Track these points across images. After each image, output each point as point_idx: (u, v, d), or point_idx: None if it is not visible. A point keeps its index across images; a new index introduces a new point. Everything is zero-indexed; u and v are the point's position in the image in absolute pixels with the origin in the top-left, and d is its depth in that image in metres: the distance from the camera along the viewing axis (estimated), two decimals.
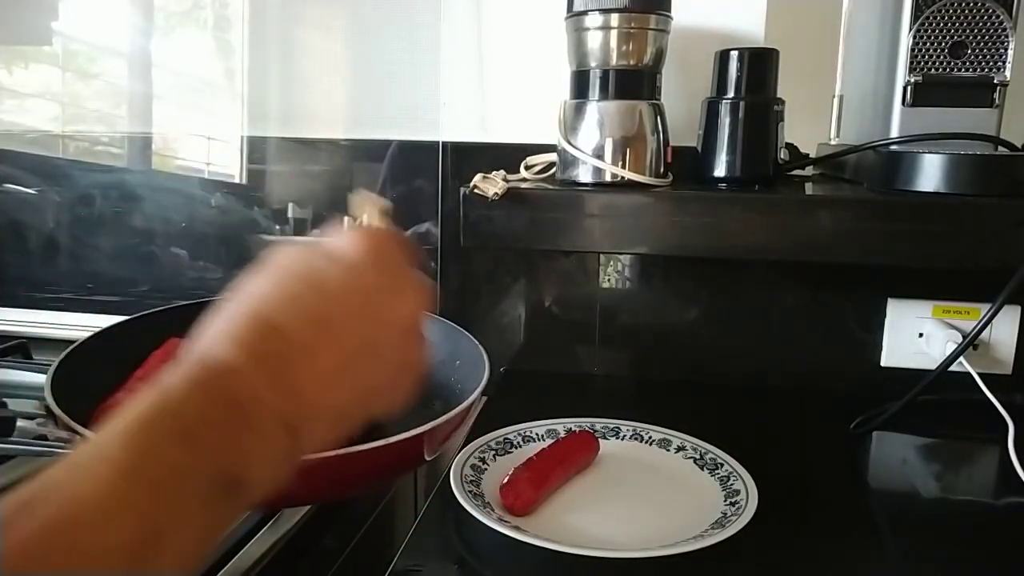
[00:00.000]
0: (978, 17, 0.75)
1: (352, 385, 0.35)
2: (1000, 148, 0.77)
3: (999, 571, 0.58)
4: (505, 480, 0.61)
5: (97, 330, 0.72)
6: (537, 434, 0.72)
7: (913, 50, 0.77)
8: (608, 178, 0.80)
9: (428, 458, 0.61)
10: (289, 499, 0.60)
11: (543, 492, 0.61)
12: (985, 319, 0.73)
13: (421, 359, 0.39)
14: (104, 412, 0.61)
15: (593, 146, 0.80)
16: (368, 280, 0.37)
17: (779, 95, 0.83)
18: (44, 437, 0.63)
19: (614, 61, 0.78)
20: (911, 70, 0.77)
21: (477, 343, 0.74)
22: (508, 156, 0.89)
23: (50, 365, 0.65)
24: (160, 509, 0.27)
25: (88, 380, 0.65)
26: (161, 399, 0.29)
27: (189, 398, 0.30)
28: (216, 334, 0.33)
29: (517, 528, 0.56)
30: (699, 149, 0.85)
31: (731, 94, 0.82)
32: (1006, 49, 0.75)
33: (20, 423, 0.63)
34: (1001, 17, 0.75)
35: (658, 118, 0.81)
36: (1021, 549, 0.60)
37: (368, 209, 0.46)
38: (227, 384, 0.31)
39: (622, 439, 0.72)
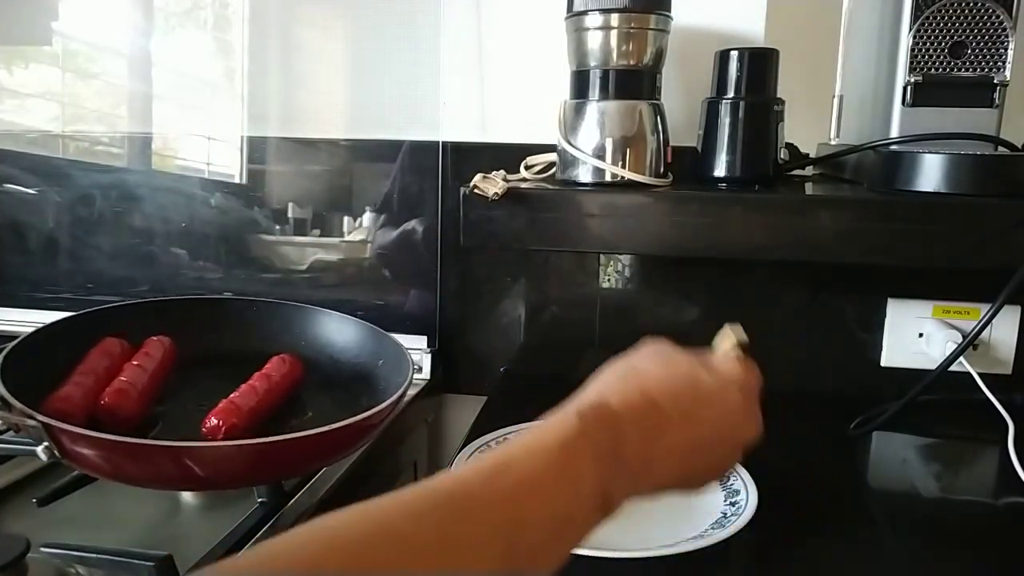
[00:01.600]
0: (978, 17, 0.75)
1: (684, 466, 0.44)
2: (1000, 148, 0.77)
3: (999, 571, 0.58)
4: None
5: (40, 326, 0.73)
6: None
7: (913, 50, 0.77)
8: (608, 178, 0.80)
9: (361, 444, 0.67)
10: (234, 480, 0.62)
11: None
12: (985, 319, 0.73)
13: (726, 473, 0.51)
14: (54, 403, 0.62)
15: (593, 146, 0.80)
16: (733, 398, 0.47)
17: (779, 95, 0.83)
18: None
19: (614, 61, 0.78)
20: (911, 70, 0.77)
21: (399, 342, 0.79)
22: (508, 156, 0.89)
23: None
24: (573, 505, 0.37)
25: (35, 373, 0.66)
26: (576, 425, 0.39)
27: (593, 430, 0.39)
28: (609, 392, 0.43)
29: None
30: (699, 149, 0.85)
31: (731, 94, 0.82)
32: (1006, 49, 0.75)
33: None
34: (1001, 17, 0.75)
35: (658, 118, 0.81)
36: (1021, 549, 0.60)
37: (729, 339, 0.56)
38: (616, 429, 0.40)
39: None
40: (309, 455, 0.63)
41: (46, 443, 0.57)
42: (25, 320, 1.08)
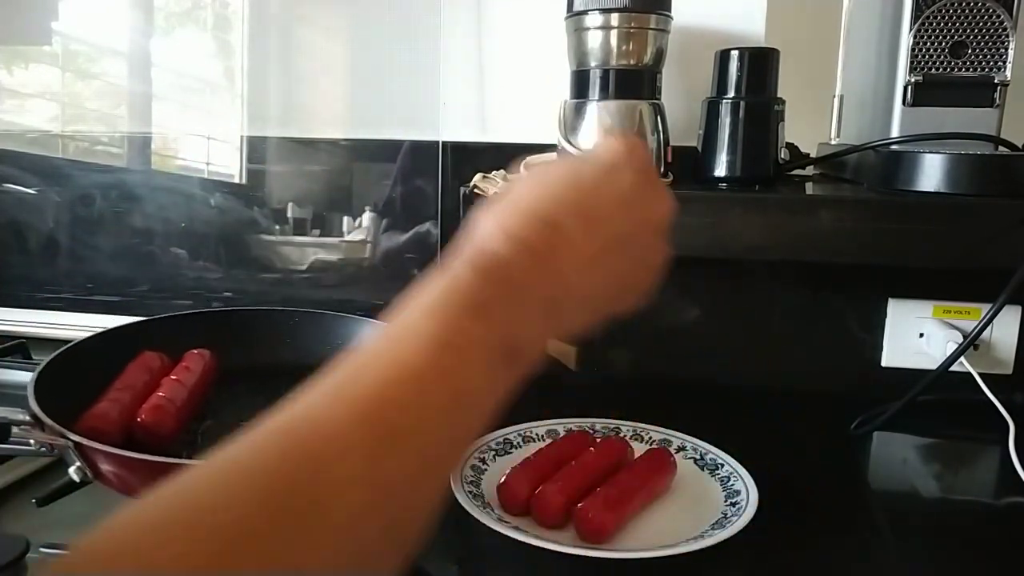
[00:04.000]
0: (978, 17, 0.75)
1: (606, 273, 0.39)
2: (1000, 148, 0.77)
3: (999, 571, 0.58)
4: (502, 479, 0.61)
5: (77, 340, 0.72)
6: (537, 434, 0.72)
7: (913, 50, 0.77)
8: None
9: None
10: None
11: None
12: (985, 319, 0.73)
13: (664, 259, 0.43)
14: (88, 420, 0.61)
15: (593, 146, 0.80)
16: (624, 178, 0.40)
17: (779, 95, 0.83)
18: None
19: (614, 61, 0.78)
20: (911, 70, 0.77)
21: None
22: (508, 156, 0.89)
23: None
24: (465, 373, 0.32)
25: (71, 388, 0.65)
26: (452, 282, 0.34)
27: (474, 280, 0.34)
28: (490, 228, 0.37)
29: (517, 528, 0.56)
30: (699, 149, 0.85)
31: (731, 94, 0.82)
32: (1006, 49, 0.75)
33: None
34: (1001, 17, 0.75)
35: (658, 118, 0.81)
36: (1021, 549, 0.60)
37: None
38: (503, 269, 0.35)
39: (622, 439, 0.72)
40: None
41: (78, 463, 0.55)
42: (25, 320, 1.08)
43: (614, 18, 0.77)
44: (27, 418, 0.57)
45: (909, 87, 0.77)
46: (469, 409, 0.32)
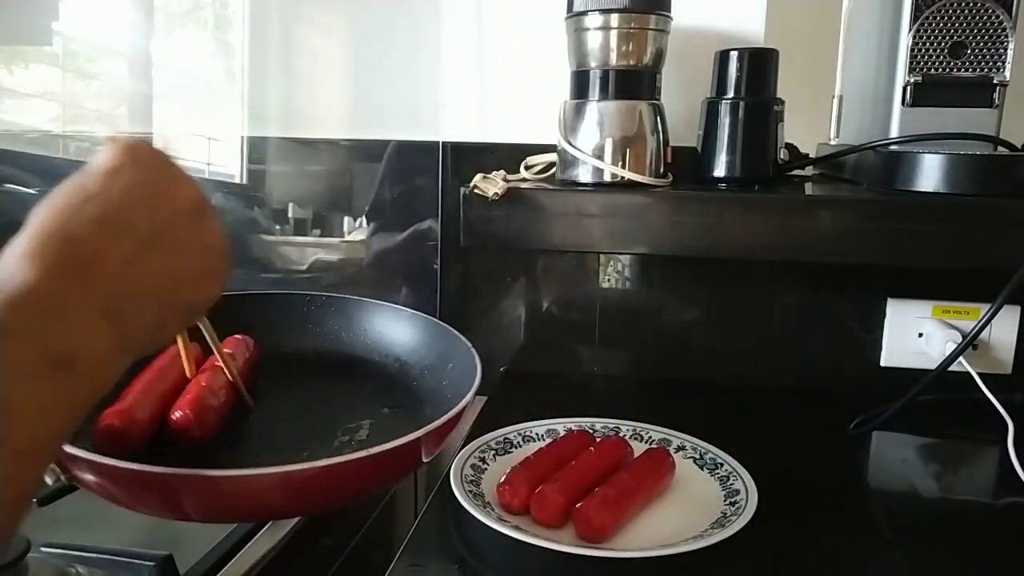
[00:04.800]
0: (978, 17, 0.75)
1: (155, 269, 0.39)
2: (1000, 148, 0.77)
3: (999, 571, 0.58)
4: (502, 479, 0.61)
5: None
6: (537, 434, 0.72)
7: (913, 50, 0.77)
8: (608, 178, 0.80)
9: (425, 460, 0.61)
10: (287, 511, 0.59)
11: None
12: (985, 319, 0.73)
13: (218, 238, 0.44)
14: (103, 421, 0.59)
15: (593, 146, 0.80)
16: (128, 177, 0.40)
17: (779, 95, 0.83)
18: None
19: (614, 61, 0.79)
20: (911, 70, 0.77)
21: (469, 345, 0.72)
22: (508, 156, 0.89)
23: None
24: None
25: None
26: None
27: (4, 309, 0.33)
28: (13, 258, 0.36)
29: (517, 528, 0.56)
30: (699, 149, 0.85)
31: (731, 94, 0.82)
32: (1006, 49, 0.75)
33: None
34: (1001, 17, 0.75)
35: (658, 118, 0.81)
36: (1021, 549, 0.60)
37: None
38: (34, 296, 0.34)
39: (622, 439, 0.72)
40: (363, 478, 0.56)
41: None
42: None
43: (614, 18, 0.77)
44: None
45: (908, 87, 0.77)
46: (13, 425, 0.32)
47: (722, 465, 0.66)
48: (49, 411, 0.34)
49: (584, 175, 0.80)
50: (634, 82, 0.80)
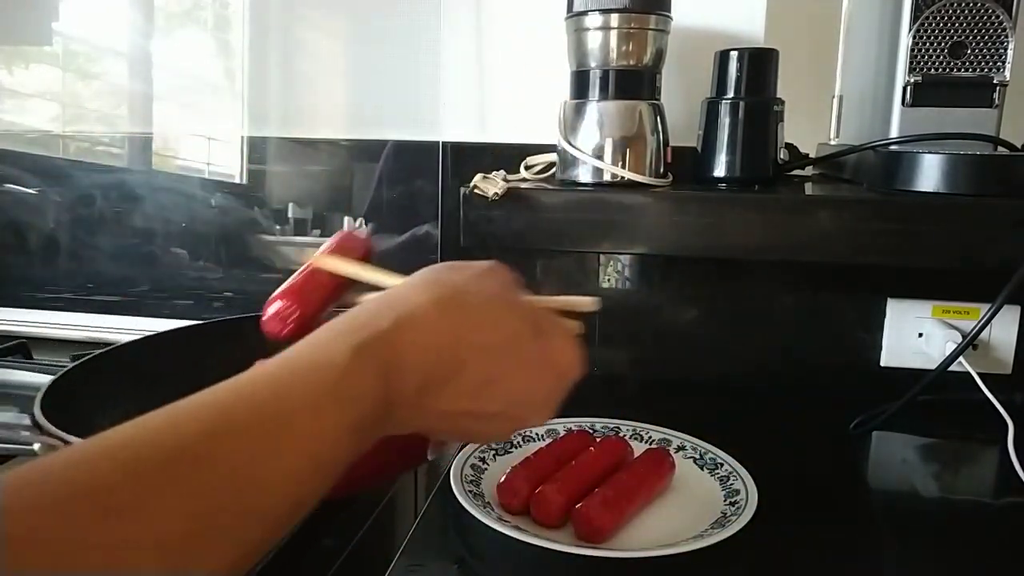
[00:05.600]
0: (978, 17, 0.75)
1: (455, 421, 0.40)
2: (1000, 148, 0.77)
3: (999, 571, 0.58)
4: (502, 479, 0.61)
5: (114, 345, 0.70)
6: (537, 434, 0.72)
7: (913, 50, 0.77)
8: (608, 178, 0.80)
9: (430, 458, 0.61)
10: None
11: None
12: (985, 319, 0.73)
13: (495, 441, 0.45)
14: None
15: (593, 146, 0.80)
16: (547, 389, 0.44)
17: (779, 95, 0.83)
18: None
19: (614, 61, 0.79)
20: (911, 70, 0.77)
21: None
22: (508, 156, 0.89)
23: (50, 367, 0.64)
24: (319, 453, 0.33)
25: (89, 392, 0.63)
26: (354, 368, 0.35)
27: (371, 378, 0.36)
28: (404, 321, 0.38)
29: (517, 527, 0.56)
30: (699, 149, 0.85)
31: (731, 94, 0.82)
32: (1006, 49, 0.75)
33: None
34: (1001, 17, 0.75)
35: (658, 118, 0.81)
36: (1021, 549, 0.60)
37: (585, 302, 0.53)
38: (388, 385, 0.36)
39: (622, 439, 0.72)
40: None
41: None
42: (25, 320, 1.08)
43: (614, 18, 0.77)
44: (28, 423, 0.57)
45: (908, 87, 0.77)
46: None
47: (722, 465, 0.66)
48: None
49: (584, 175, 0.80)
50: (634, 82, 0.80)
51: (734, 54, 0.82)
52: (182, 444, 0.29)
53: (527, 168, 0.88)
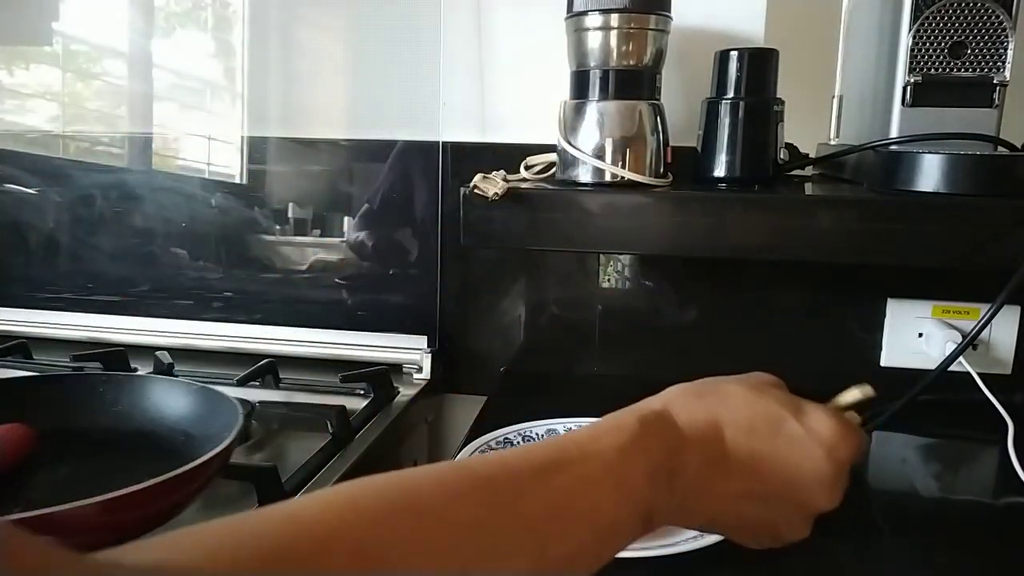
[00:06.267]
0: (978, 17, 0.75)
1: (736, 518, 0.43)
2: (1000, 148, 0.77)
3: (999, 571, 0.58)
4: None
5: None
6: (537, 434, 0.72)
7: (913, 50, 0.77)
8: (608, 178, 0.80)
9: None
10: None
11: None
12: (985, 319, 0.73)
13: (794, 539, 0.46)
14: None
15: (593, 146, 0.80)
16: (816, 461, 0.42)
17: (779, 95, 0.83)
18: None
19: (614, 61, 0.78)
20: (911, 70, 0.77)
21: (231, 398, 0.68)
22: (508, 156, 0.89)
23: (50, 367, 0.62)
24: (618, 520, 0.36)
25: None
26: (640, 434, 0.38)
27: (655, 444, 0.38)
28: (677, 407, 0.41)
29: None
30: (699, 149, 0.85)
31: (731, 94, 0.82)
32: (1006, 49, 0.75)
33: None
34: (1001, 17, 0.75)
35: (658, 118, 0.81)
36: (1021, 549, 0.60)
37: (852, 396, 0.52)
38: (673, 456, 0.39)
39: None
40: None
41: None
42: (25, 320, 1.08)
43: (614, 19, 0.77)
44: None
45: (908, 87, 0.77)
46: (605, 549, 0.36)
47: None
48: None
49: (584, 175, 0.80)
50: (634, 82, 0.80)
51: (734, 54, 0.82)
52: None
53: (527, 168, 0.88)
